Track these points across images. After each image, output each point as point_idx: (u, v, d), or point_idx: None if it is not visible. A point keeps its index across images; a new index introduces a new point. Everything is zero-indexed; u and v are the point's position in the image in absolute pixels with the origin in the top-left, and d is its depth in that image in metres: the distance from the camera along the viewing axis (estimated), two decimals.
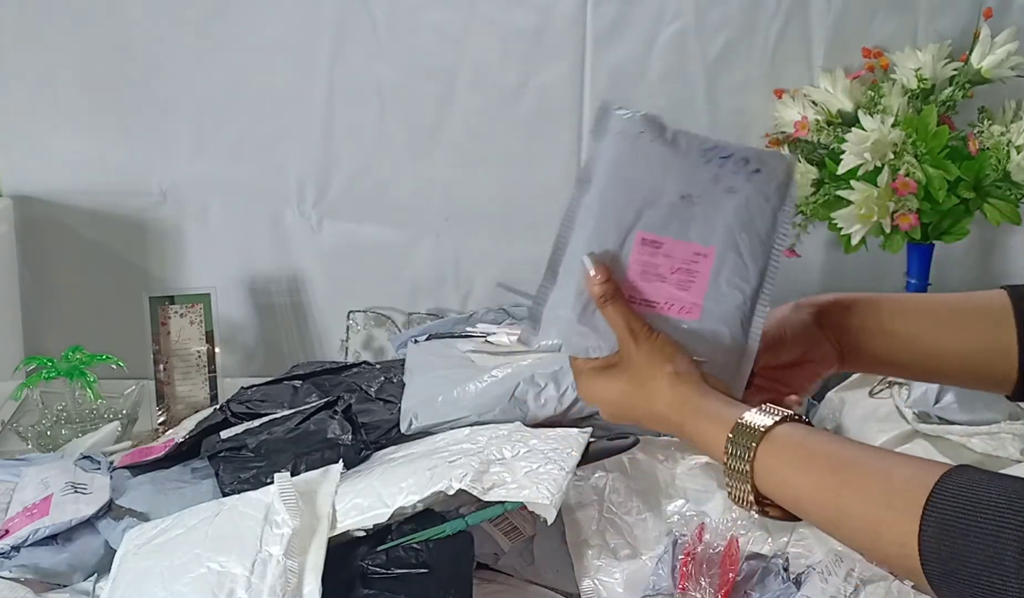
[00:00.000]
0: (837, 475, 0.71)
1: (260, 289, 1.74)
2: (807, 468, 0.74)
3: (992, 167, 1.54)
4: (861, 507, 0.69)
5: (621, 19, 1.65)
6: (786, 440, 0.76)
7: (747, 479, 0.76)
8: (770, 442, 0.76)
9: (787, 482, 0.75)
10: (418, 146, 1.71)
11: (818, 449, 0.75)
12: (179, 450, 1.33)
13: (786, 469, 0.75)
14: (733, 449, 0.77)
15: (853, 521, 0.70)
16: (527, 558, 1.16)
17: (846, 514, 0.70)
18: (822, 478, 0.72)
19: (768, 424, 0.76)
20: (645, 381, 0.84)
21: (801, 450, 0.75)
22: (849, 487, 0.70)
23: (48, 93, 1.65)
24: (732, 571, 1.06)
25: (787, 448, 0.75)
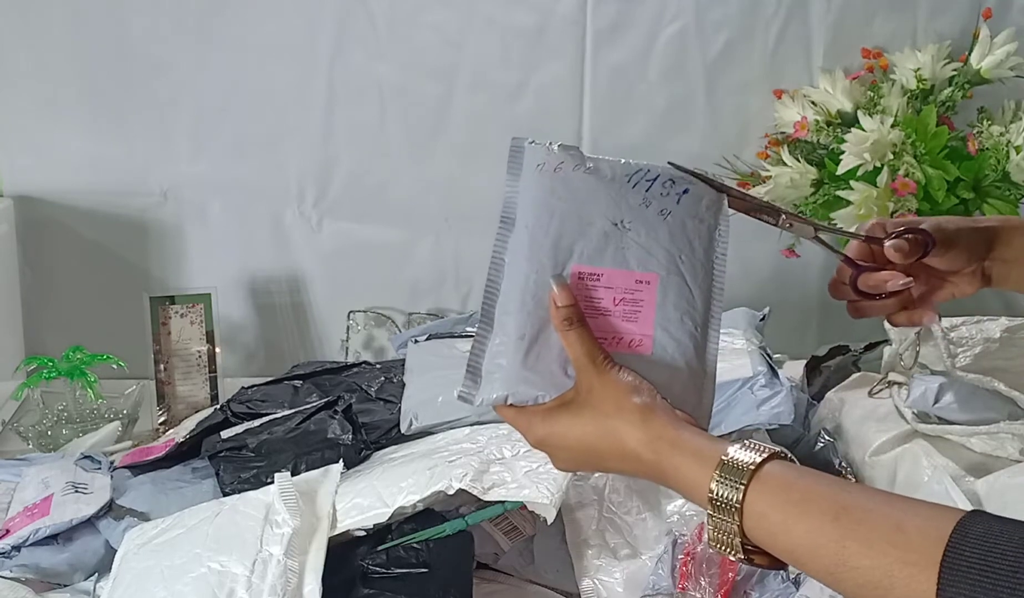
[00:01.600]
0: (839, 523, 0.64)
1: (260, 289, 1.75)
2: (804, 514, 0.66)
3: (991, 167, 1.54)
4: (870, 561, 0.62)
5: (621, 19, 1.65)
6: (778, 480, 0.68)
7: (735, 523, 0.68)
8: (760, 482, 0.68)
9: (781, 530, 0.66)
10: (418, 146, 1.71)
11: (814, 491, 0.67)
12: (179, 450, 1.33)
13: (779, 514, 0.67)
14: (719, 490, 0.68)
15: (859, 575, 0.63)
16: (527, 558, 1.16)
17: (851, 568, 0.63)
18: (822, 526, 0.65)
19: (757, 461, 0.68)
20: (610, 415, 0.75)
21: (794, 492, 0.67)
22: (854, 538, 0.63)
23: (49, 93, 1.65)
24: (732, 571, 1.06)
25: (779, 489, 0.67)
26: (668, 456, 0.72)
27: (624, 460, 0.75)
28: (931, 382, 1.37)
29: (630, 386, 0.76)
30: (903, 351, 1.45)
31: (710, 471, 0.69)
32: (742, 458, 0.69)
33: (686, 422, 0.75)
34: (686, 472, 0.71)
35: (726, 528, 0.68)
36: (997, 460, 1.29)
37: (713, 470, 0.69)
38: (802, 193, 1.60)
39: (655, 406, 0.75)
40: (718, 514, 0.68)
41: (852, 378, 1.45)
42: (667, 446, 0.73)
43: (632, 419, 0.74)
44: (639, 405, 0.74)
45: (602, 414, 0.76)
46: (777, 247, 1.64)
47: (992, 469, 1.24)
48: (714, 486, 0.68)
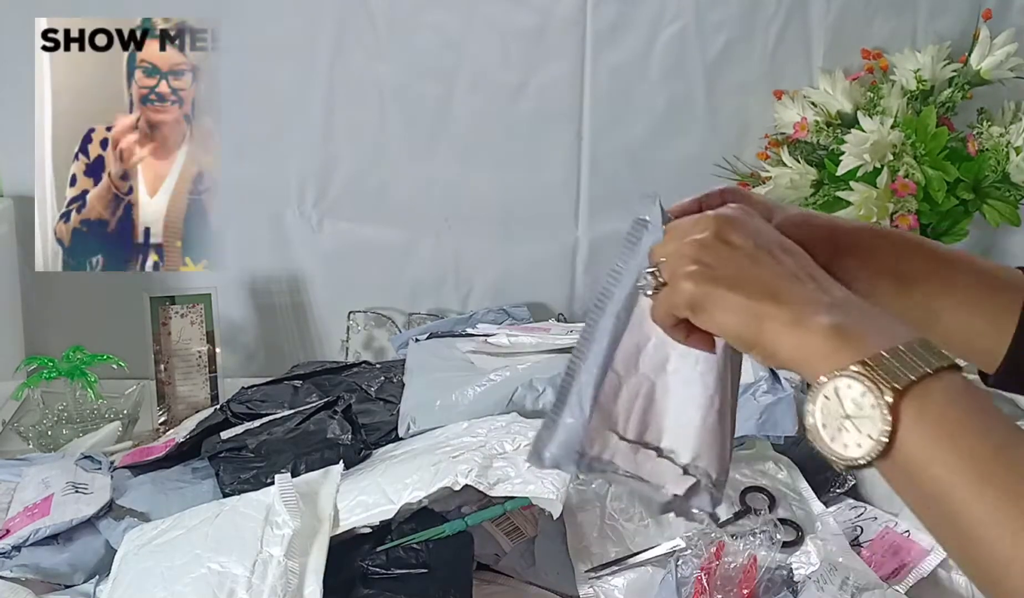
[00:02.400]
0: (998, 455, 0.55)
1: (260, 289, 1.74)
2: (970, 422, 0.57)
3: (991, 168, 1.54)
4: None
5: (621, 19, 1.65)
6: (963, 385, 0.58)
7: (912, 378, 0.57)
8: (947, 374, 0.58)
9: (944, 420, 0.57)
10: (418, 146, 1.71)
11: (986, 415, 0.57)
12: (180, 450, 1.33)
13: (949, 410, 0.57)
14: (925, 346, 0.58)
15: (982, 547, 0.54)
16: (528, 559, 1.16)
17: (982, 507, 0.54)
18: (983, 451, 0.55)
19: (956, 363, 0.59)
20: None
21: (974, 402, 0.57)
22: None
23: None
24: (747, 587, 1.06)
25: (964, 396, 0.58)
26: (860, 307, 0.63)
27: (823, 275, 0.65)
28: None
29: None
30: None
31: (909, 336, 0.59)
32: (941, 350, 0.59)
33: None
34: (887, 318, 0.62)
35: (897, 375, 0.57)
36: None
37: (913, 332, 0.59)
38: (802, 194, 1.60)
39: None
40: (901, 360, 0.58)
41: None
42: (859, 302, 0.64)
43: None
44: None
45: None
46: None
47: None
48: (905, 350, 0.58)
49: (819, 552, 1.15)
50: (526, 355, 1.45)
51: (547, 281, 1.77)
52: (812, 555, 1.15)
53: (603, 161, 1.71)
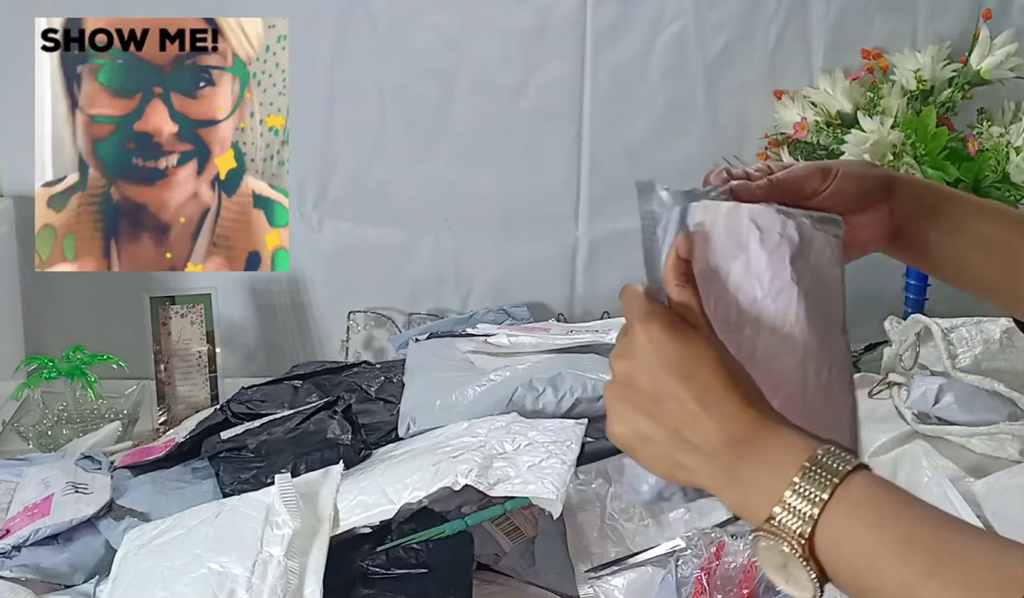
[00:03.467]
0: (931, 560, 0.56)
1: (261, 289, 1.74)
2: (887, 532, 0.58)
3: (991, 168, 1.54)
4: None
5: (621, 19, 1.65)
6: (867, 491, 0.59)
7: (808, 525, 0.59)
8: (847, 488, 0.59)
9: (858, 545, 0.58)
10: (418, 146, 1.71)
11: (903, 513, 0.59)
12: (180, 450, 1.33)
13: (862, 529, 0.58)
14: (805, 483, 0.59)
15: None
16: (528, 559, 1.16)
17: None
18: (904, 555, 0.57)
19: (850, 467, 0.60)
20: (723, 357, 0.66)
21: (885, 508, 0.59)
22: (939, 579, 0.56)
23: None
24: (747, 587, 1.06)
25: (867, 502, 0.59)
26: (764, 436, 0.63)
27: (719, 399, 0.64)
28: (931, 383, 1.37)
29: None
30: (903, 352, 1.45)
31: (801, 460, 0.60)
32: (835, 460, 0.60)
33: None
34: (773, 453, 0.62)
35: (792, 529, 0.59)
36: (997, 461, 1.29)
37: (804, 460, 0.60)
38: None
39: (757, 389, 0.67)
40: (792, 508, 0.59)
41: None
42: (770, 424, 0.64)
43: (742, 376, 0.66)
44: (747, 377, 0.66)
45: (716, 347, 0.67)
46: None
47: (992, 470, 1.24)
48: (799, 480, 0.59)
49: None
50: (526, 355, 1.45)
51: (547, 281, 1.77)
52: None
53: (603, 161, 1.71)
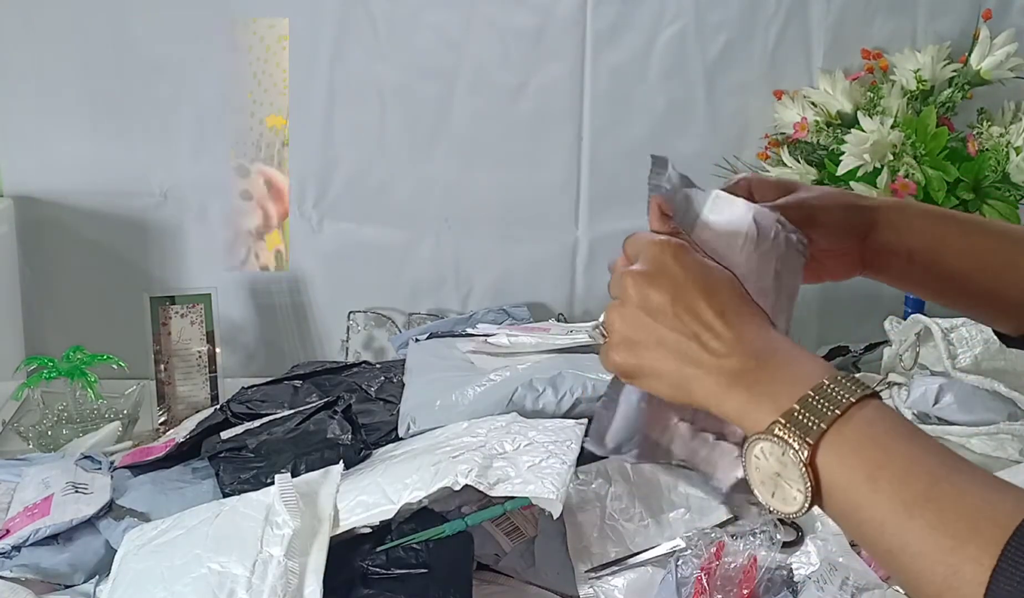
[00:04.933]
0: (921, 485, 0.57)
1: (261, 289, 1.74)
2: (892, 455, 0.58)
3: (991, 168, 1.54)
4: (931, 546, 0.56)
5: (621, 19, 1.65)
6: (878, 415, 0.60)
7: (815, 435, 0.59)
8: (861, 409, 0.60)
9: (861, 461, 0.58)
10: (418, 146, 1.71)
11: (910, 441, 0.59)
12: (180, 450, 1.33)
13: (869, 446, 0.59)
14: (823, 394, 0.60)
15: (917, 561, 0.56)
16: (528, 559, 1.16)
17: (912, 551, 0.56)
18: (904, 480, 0.58)
19: (866, 393, 0.60)
20: (723, 277, 0.68)
21: (893, 434, 0.59)
22: (931, 505, 0.56)
23: (49, 93, 1.65)
24: (747, 587, 1.06)
25: (878, 423, 0.59)
26: (781, 346, 0.65)
27: (737, 316, 0.66)
28: (931, 383, 1.37)
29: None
30: (903, 352, 1.45)
31: (819, 374, 0.61)
32: (854, 382, 0.61)
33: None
34: (790, 365, 0.63)
35: (799, 436, 0.59)
36: (997, 461, 1.29)
37: (825, 377, 0.61)
38: None
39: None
40: (803, 416, 0.60)
41: None
42: (780, 345, 0.65)
43: (759, 307, 0.68)
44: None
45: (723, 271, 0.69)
46: None
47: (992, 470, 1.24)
48: (820, 386, 0.60)
49: (819, 552, 1.15)
50: (526, 355, 1.45)
51: (547, 281, 1.77)
52: (812, 555, 1.15)
53: (603, 161, 1.71)
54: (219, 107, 1.67)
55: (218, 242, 1.73)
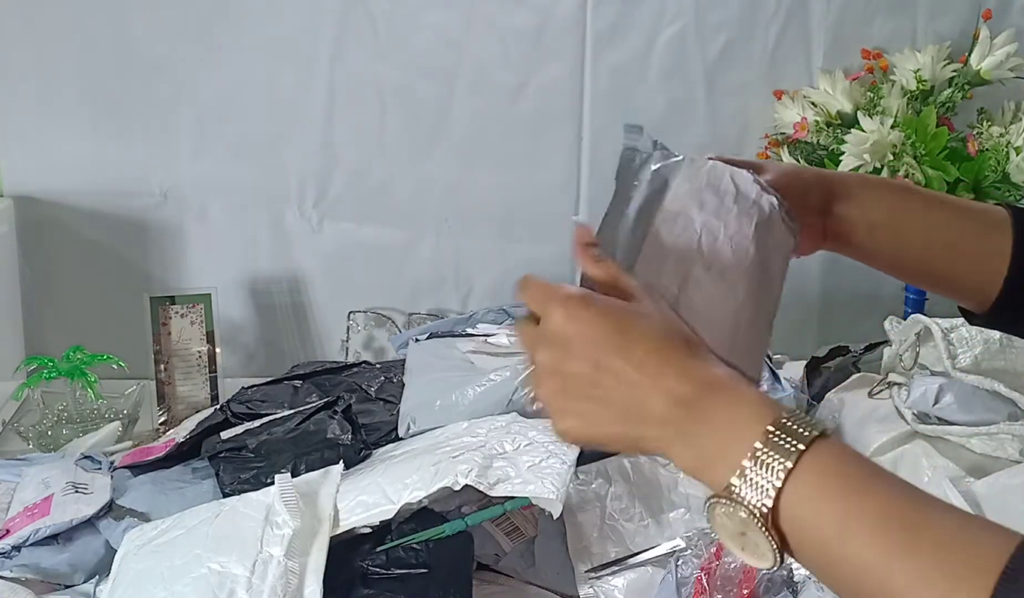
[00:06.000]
0: (902, 538, 0.54)
1: (261, 289, 1.74)
2: (862, 503, 0.55)
3: (991, 168, 1.54)
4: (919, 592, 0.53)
5: (621, 20, 1.66)
6: (835, 459, 0.57)
7: (771, 494, 0.56)
8: (815, 455, 0.56)
9: (827, 515, 0.55)
10: (418, 146, 1.71)
11: (876, 485, 0.57)
12: (180, 450, 1.33)
13: (833, 498, 0.56)
14: (771, 445, 0.56)
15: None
16: (528, 559, 1.16)
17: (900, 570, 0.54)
18: (880, 529, 0.55)
19: (816, 432, 0.57)
20: (655, 318, 0.64)
21: (857, 478, 0.56)
22: (910, 561, 0.53)
23: (49, 93, 1.65)
24: (747, 587, 1.06)
25: (837, 470, 0.56)
26: (710, 387, 0.60)
27: (661, 363, 0.61)
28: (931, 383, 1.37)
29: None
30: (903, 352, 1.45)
31: (764, 423, 0.57)
32: (799, 424, 0.57)
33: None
34: (729, 414, 0.59)
35: (754, 497, 0.56)
36: (997, 461, 1.29)
37: (768, 423, 0.57)
38: None
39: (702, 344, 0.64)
40: (754, 476, 0.56)
41: (852, 379, 1.45)
42: (719, 383, 0.61)
43: (679, 340, 0.63)
44: (688, 334, 0.64)
45: (660, 312, 0.65)
46: None
47: (992, 470, 1.24)
48: (767, 435, 0.56)
49: None
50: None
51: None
52: None
53: (603, 161, 1.71)
54: (219, 107, 1.67)
55: (218, 242, 1.73)
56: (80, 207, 1.69)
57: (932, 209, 0.80)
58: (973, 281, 0.79)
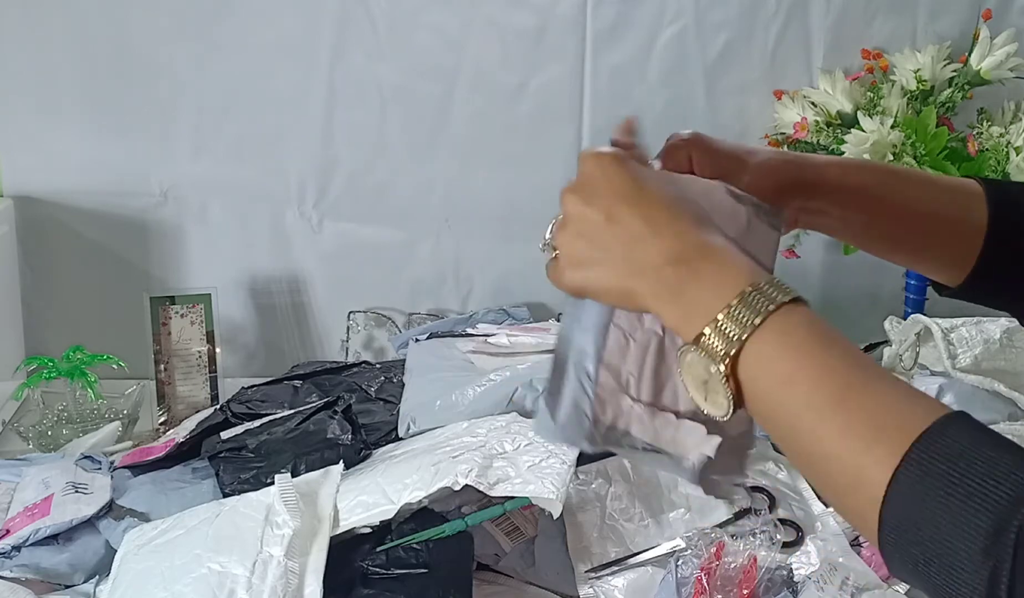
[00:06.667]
0: (841, 400, 0.58)
1: (261, 289, 1.74)
2: (808, 360, 0.59)
3: (991, 168, 1.54)
4: (843, 448, 0.57)
5: (621, 19, 1.65)
6: (799, 322, 0.61)
7: (734, 345, 0.60)
8: (783, 316, 0.60)
9: (778, 369, 0.60)
10: (418, 146, 1.71)
11: (827, 346, 0.60)
12: (180, 450, 1.33)
13: (786, 354, 0.60)
14: (741, 306, 0.60)
15: (830, 464, 0.58)
16: (528, 559, 1.16)
17: (825, 452, 0.58)
18: (818, 382, 0.59)
19: (788, 298, 0.61)
20: (672, 187, 0.68)
21: (812, 340, 0.60)
22: (840, 421, 0.58)
23: (48, 93, 1.65)
24: (747, 587, 1.06)
25: (796, 331, 0.60)
26: (707, 249, 0.64)
27: (656, 224, 0.65)
28: (931, 383, 1.37)
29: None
30: (903, 352, 1.45)
31: (744, 280, 0.61)
32: (777, 288, 0.61)
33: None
34: (717, 275, 0.63)
35: (720, 347, 0.60)
36: None
37: (748, 279, 0.61)
38: None
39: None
40: (725, 327, 0.60)
41: None
42: (711, 242, 0.65)
43: (696, 211, 0.67)
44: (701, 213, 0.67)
45: (680, 190, 0.69)
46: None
47: None
48: (743, 294, 0.61)
49: (819, 552, 1.15)
50: (526, 355, 1.45)
51: (547, 281, 1.76)
52: (812, 555, 1.15)
53: None
54: (219, 107, 1.67)
55: (218, 242, 1.73)
56: (80, 207, 1.69)
57: (904, 184, 0.81)
58: (948, 255, 0.80)
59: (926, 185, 0.82)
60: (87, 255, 1.71)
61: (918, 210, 0.80)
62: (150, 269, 1.72)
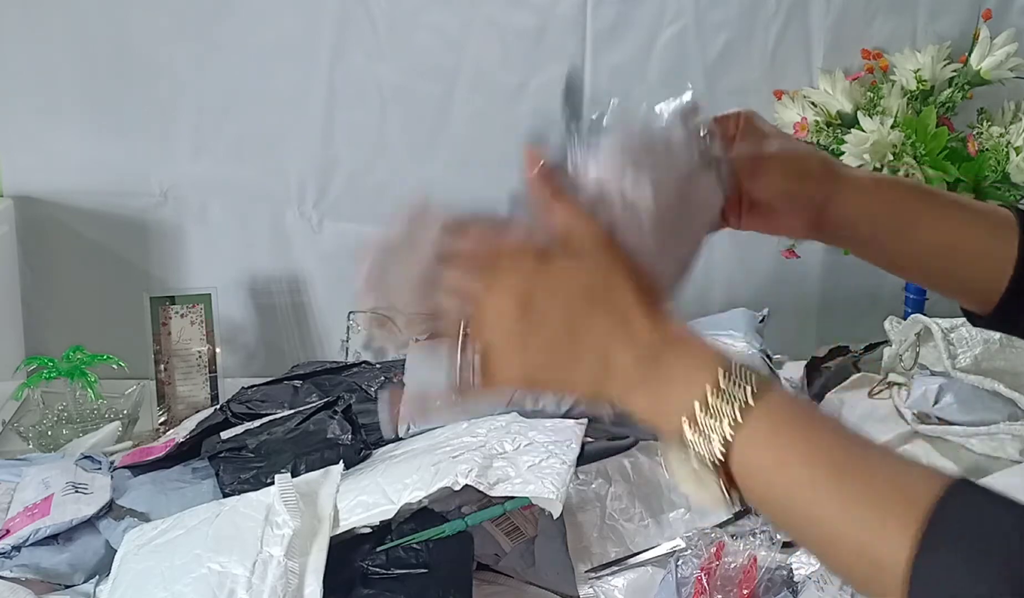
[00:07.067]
0: (838, 479, 0.57)
1: (261, 289, 1.74)
2: (804, 459, 0.58)
3: (991, 168, 1.54)
4: (849, 527, 0.56)
5: (621, 19, 1.65)
6: (780, 408, 0.59)
7: (723, 436, 0.58)
8: (766, 400, 0.59)
9: (774, 464, 0.58)
10: (418, 146, 1.71)
11: (815, 429, 0.59)
12: (180, 450, 1.33)
13: (782, 441, 0.58)
14: (726, 386, 0.58)
15: (838, 545, 0.57)
16: (528, 559, 1.16)
17: (830, 531, 0.57)
18: (817, 478, 0.57)
19: (766, 378, 0.59)
20: (611, 275, 0.65)
21: (804, 423, 0.59)
22: (845, 499, 0.56)
23: (48, 93, 1.65)
24: (748, 587, 1.06)
25: (785, 413, 0.59)
26: (673, 347, 0.62)
27: (620, 324, 0.63)
28: (931, 383, 1.37)
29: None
30: (903, 352, 1.45)
31: (716, 367, 0.59)
32: (746, 370, 0.59)
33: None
34: (684, 368, 0.61)
35: (705, 445, 0.58)
36: (997, 461, 1.29)
37: (717, 369, 0.59)
38: None
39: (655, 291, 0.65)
40: (704, 422, 0.59)
41: (852, 379, 1.45)
42: (675, 335, 0.62)
43: (631, 291, 0.64)
44: (636, 283, 0.65)
45: (608, 257, 0.66)
46: (777, 248, 1.64)
47: (992, 470, 1.24)
48: (722, 382, 0.59)
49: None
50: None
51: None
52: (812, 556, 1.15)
53: None
54: (219, 107, 1.67)
55: (218, 242, 1.73)
56: (80, 207, 1.69)
57: (936, 209, 0.79)
58: (977, 282, 0.78)
59: (954, 208, 0.80)
60: (87, 255, 1.71)
61: (946, 233, 0.78)
62: (150, 269, 1.72)
